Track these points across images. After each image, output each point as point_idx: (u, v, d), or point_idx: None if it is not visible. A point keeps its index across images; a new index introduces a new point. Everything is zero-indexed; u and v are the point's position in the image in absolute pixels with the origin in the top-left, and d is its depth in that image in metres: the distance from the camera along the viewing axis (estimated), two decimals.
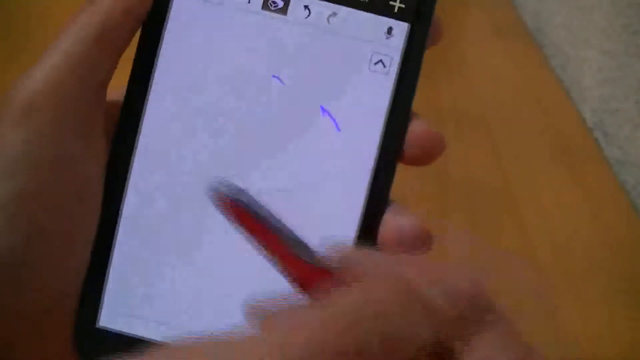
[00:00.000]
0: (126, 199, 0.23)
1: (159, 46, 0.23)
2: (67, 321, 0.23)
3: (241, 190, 0.19)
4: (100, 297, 0.23)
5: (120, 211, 0.23)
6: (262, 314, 0.18)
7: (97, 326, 0.23)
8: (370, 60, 0.22)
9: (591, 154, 0.52)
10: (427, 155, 0.23)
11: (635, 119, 0.51)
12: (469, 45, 0.63)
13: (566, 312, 0.41)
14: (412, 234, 0.22)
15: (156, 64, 0.23)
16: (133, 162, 0.23)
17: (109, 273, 0.23)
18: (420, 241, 0.22)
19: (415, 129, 0.23)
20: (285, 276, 0.18)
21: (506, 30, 0.64)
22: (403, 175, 0.50)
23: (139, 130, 0.23)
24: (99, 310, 0.23)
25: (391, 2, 0.22)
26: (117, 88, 0.23)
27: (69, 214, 0.22)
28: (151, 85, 0.23)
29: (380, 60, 0.22)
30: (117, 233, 0.23)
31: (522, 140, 0.53)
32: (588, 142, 0.53)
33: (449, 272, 0.17)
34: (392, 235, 0.23)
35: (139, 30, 0.23)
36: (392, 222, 0.23)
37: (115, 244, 0.23)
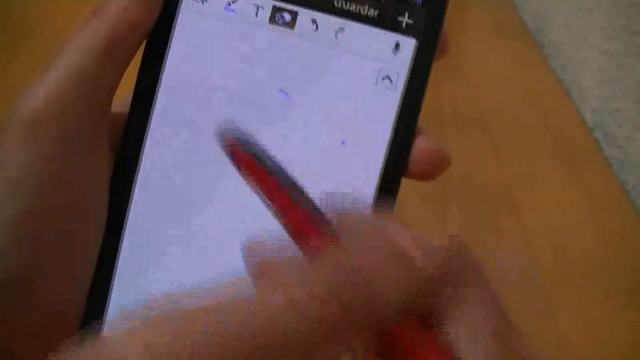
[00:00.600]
0: (130, 212, 0.23)
1: (164, 60, 0.22)
2: (74, 335, 0.23)
3: (249, 136, 0.19)
4: (104, 311, 0.23)
5: (124, 225, 0.23)
6: (258, 261, 0.18)
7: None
8: (377, 76, 0.22)
9: (591, 154, 0.52)
10: (432, 171, 0.23)
11: (635, 119, 0.51)
12: (469, 45, 0.63)
13: (566, 312, 0.41)
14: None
15: (161, 78, 0.22)
16: (137, 176, 0.23)
17: (113, 286, 0.23)
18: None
19: (421, 144, 0.23)
20: (284, 227, 0.18)
21: (506, 30, 0.64)
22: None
23: (143, 144, 0.23)
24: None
25: (399, 18, 0.22)
26: (120, 98, 0.23)
27: (74, 231, 0.22)
28: (155, 99, 0.22)
29: (387, 76, 0.22)
30: (122, 246, 0.23)
31: (522, 140, 0.53)
32: (588, 142, 0.53)
33: (435, 239, 0.17)
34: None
35: (144, 43, 0.22)
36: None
37: (119, 257, 0.23)
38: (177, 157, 0.23)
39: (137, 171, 0.23)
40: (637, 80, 0.50)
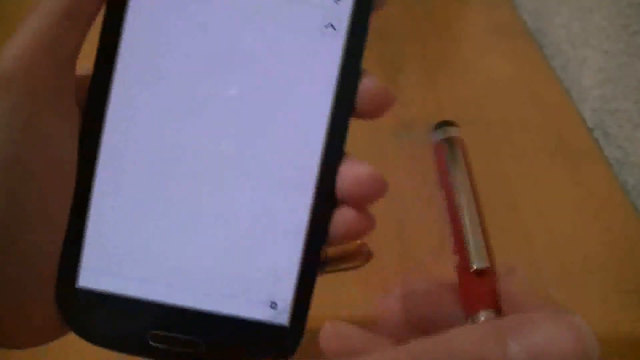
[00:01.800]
0: (100, 161, 0.24)
1: (123, 21, 0.24)
2: (49, 285, 0.24)
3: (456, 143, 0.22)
4: (78, 258, 0.24)
5: (94, 175, 0.24)
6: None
7: (77, 287, 0.24)
8: (321, 23, 0.24)
9: (591, 154, 0.52)
10: (378, 109, 0.25)
11: (635, 119, 0.51)
12: (469, 44, 0.63)
13: None
14: (368, 180, 0.24)
15: (122, 36, 0.24)
16: (104, 129, 0.24)
17: (86, 234, 0.24)
18: (376, 186, 0.24)
19: (366, 85, 0.25)
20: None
21: (506, 30, 0.64)
22: (403, 175, 0.50)
23: (108, 100, 0.24)
24: (78, 271, 0.24)
25: None
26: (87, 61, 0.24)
27: (45, 182, 0.23)
28: (118, 57, 0.24)
29: (331, 24, 0.24)
30: (93, 196, 0.24)
31: (522, 140, 0.53)
32: (588, 142, 0.53)
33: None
34: (349, 184, 0.24)
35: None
36: (348, 172, 0.24)
37: (90, 207, 0.24)
38: (141, 111, 0.24)
39: (103, 129, 0.24)
40: (637, 80, 0.50)
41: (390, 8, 0.73)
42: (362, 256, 0.43)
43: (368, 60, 0.53)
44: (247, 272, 0.24)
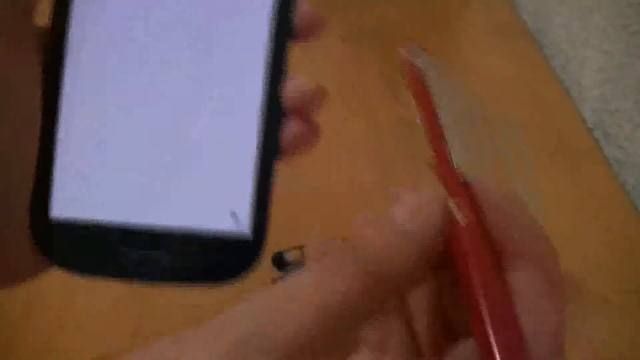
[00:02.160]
0: (63, 99, 0.26)
1: None
2: (23, 220, 0.25)
3: (425, 59, 0.23)
4: (49, 191, 0.26)
5: (59, 112, 0.26)
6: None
7: (50, 217, 0.26)
8: None
9: (591, 154, 0.52)
10: (313, 29, 0.27)
11: (635, 119, 0.51)
12: (469, 45, 0.63)
13: (565, 312, 0.41)
14: (309, 89, 0.26)
15: None
16: (65, 67, 0.26)
17: (54, 168, 0.26)
18: (317, 94, 0.27)
19: (302, 8, 0.27)
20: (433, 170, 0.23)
21: (506, 30, 0.64)
22: (403, 176, 0.50)
23: (67, 40, 0.26)
24: (50, 201, 0.26)
25: None
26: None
27: (12, 117, 0.24)
28: (73, 6, 0.26)
29: None
30: (59, 128, 0.26)
31: (522, 140, 0.53)
32: (588, 142, 0.53)
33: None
34: (293, 95, 0.26)
35: None
36: (291, 85, 0.26)
37: (58, 139, 0.26)
38: (98, 57, 0.26)
39: (64, 65, 0.26)
40: (637, 80, 0.50)
41: (391, 8, 0.73)
42: None
43: (368, 60, 0.53)
44: (206, 187, 0.26)
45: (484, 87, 0.57)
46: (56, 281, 0.40)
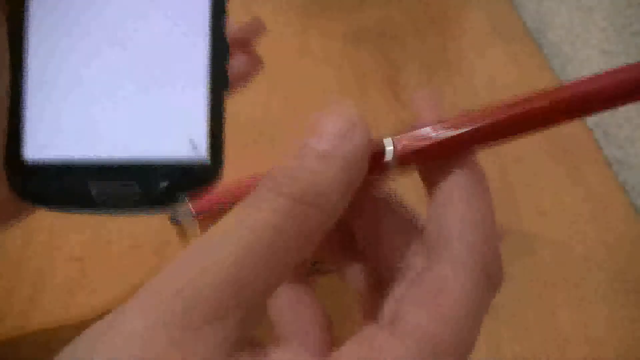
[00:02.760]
0: (28, 50, 0.28)
1: None
2: None
3: None
4: (21, 131, 0.28)
5: (25, 62, 0.28)
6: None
7: (23, 158, 0.28)
8: None
9: (591, 154, 0.52)
10: None
11: (635, 119, 0.51)
12: (469, 45, 0.63)
13: (566, 312, 0.41)
14: (249, 22, 0.29)
15: None
16: (29, 15, 0.28)
17: (26, 107, 0.28)
18: (255, 25, 0.29)
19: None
20: None
21: (506, 30, 0.64)
22: (402, 176, 0.50)
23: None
24: (23, 143, 0.28)
25: None
26: None
27: None
28: None
29: None
30: (28, 73, 0.28)
31: (522, 140, 0.53)
32: (588, 142, 0.53)
33: None
34: (235, 29, 0.29)
35: None
36: (232, 21, 0.28)
37: (26, 81, 0.28)
38: (56, 11, 0.29)
39: (29, 9, 0.28)
40: None
41: (391, 8, 0.73)
42: None
43: (368, 60, 0.53)
44: (164, 119, 0.29)
45: (483, 87, 0.57)
46: (56, 281, 0.40)
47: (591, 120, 0.56)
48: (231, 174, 0.28)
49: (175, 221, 0.30)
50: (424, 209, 0.27)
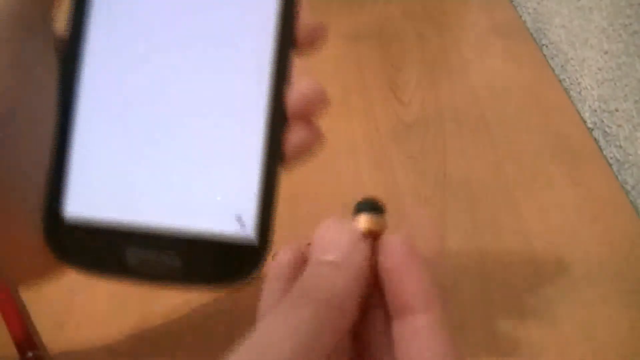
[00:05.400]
0: (78, 101, 0.27)
1: None
2: (35, 219, 0.26)
3: None
4: (62, 188, 0.27)
5: (74, 109, 0.27)
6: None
7: (61, 216, 0.27)
8: None
9: (591, 154, 0.52)
10: (315, 40, 0.28)
11: (635, 119, 0.51)
12: (469, 45, 0.63)
13: (565, 312, 0.41)
14: (311, 94, 0.28)
15: None
16: (82, 70, 0.27)
17: (69, 163, 0.27)
18: (319, 98, 0.28)
19: (303, 19, 0.28)
20: None
21: (506, 30, 0.64)
22: (403, 176, 0.50)
23: (85, 39, 0.27)
24: (62, 200, 0.27)
25: None
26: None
27: (29, 107, 0.25)
28: (91, 11, 0.27)
29: None
30: (75, 125, 0.27)
31: (522, 140, 0.53)
32: (588, 142, 0.53)
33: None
34: (296, 101, 0.27)
35: None
36: (294, 91, 0.28)
37: (72, 138, 0.27)
38: (113, 63, 0.27)
39: (81, 68, 0.27)
40: (637, 80, 0.51)
41: (390, 8, 0.73)
42: None
43: (368, 60, 0.53)
44: (213, 191, 0.27)
45: (483, 87, 0.57)
46: (56, 281, 0.40)
47: (591, 120, 0.56)
48: None
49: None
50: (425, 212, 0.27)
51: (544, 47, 0.64)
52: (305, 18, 0.28)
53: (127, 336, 0.37)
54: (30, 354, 0.33)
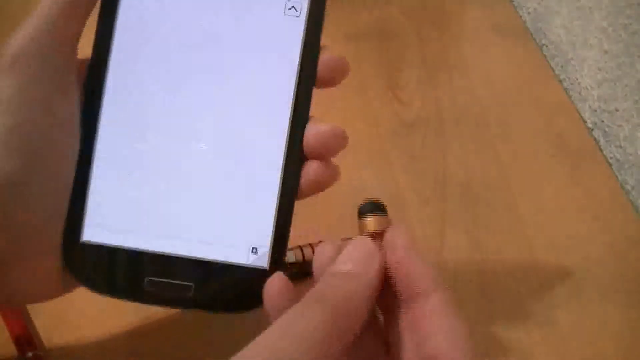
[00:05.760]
0: (101, 125, 0.28)
1: (118, 8, 0.28)
2: (57, 239, 0.27)
3: None
4: (82, 214, 0.28)
5: (96, 138, 0.28)
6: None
7: (81, 241, 0.28)
8: (285, 6, 0.28)
9: (591, 154, 0.52)
10: (336, 76, 0.29)
11: (635, 119, 0.51)
12: (469, 44, 0.63)
13: (565, 312, 0.41)
14: (329, 134, 0.28)
15: (116, 22, 0.28)
16: (103, 101, 0.28)
17: (89, 191, 0.28)
18: (337, 139, 0.29)
19: (325, 56, 0.28)
20: None
21: (506, 30, 0.64)
22: (403, 176, 0.50)
23: (106, 74, 0.28)
24: (83, 226, 0.28)
25: None
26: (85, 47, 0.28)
27: (52, 145, 0.27)
28: (114, 39, 0.28)
29: (293, 6, 0.28)
30: (95, 156, 0.28)
31: (522, 140, 0.53)
32: (588, 142, 0.53)
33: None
34: (313, 139, 0.28)
35: None
36: (312, 129, 0.29)
37: (93, 166, 0.28)
38: (137, 85, 0.28)
39: (102, 99, 0.28)
40: (637, 80, 0.50)
41: (390, 8, 0.73)
42: None
43: (368, 60, 0.53)
44: (230, 223, 0.28)
45: (483, 87, 0.57)
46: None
47: (591, 120, 0.56)
48: None
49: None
50: (424, 210, 0.27)
51: (544, 47, 0.64)
52: (328, 53, 0.28)
53: (127, 336, 0.37)
54: (30, 354, 0.33)
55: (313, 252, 0.36)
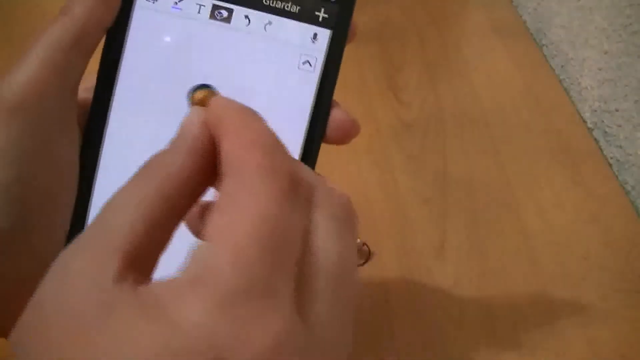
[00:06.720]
0: (98, 176, 0.28)
1: (122, 50, 0.27)
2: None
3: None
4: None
5: (93, 186, 0.28)
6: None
7: None
8: (299, 60, 0.27)
9: (591, 154, 0.52)
10: (345, 136, 0.28)
11: (635, 119, 0.51)
12: (469, 45, 0.63)
13: (565, 312, 0.41)
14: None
15: (120, 65, 0.27)
16: (102, 146, 0.28)
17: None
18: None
19: (336, 115, 0.28)
20: None
21: (506, 30, 0.64)
22: (403, 176, 0.50)
23: (106, 120, 0.28)
24: None
25: (316, 13, 0.27)
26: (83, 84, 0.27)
27: (52, 193, 0.26)
28: (116, 83, 0.27)
29: (307, 61, 0.27)
30: (92, 204, 0.28)
31: (522, 140, 0.53)
32: (588, 142, 0.53)
33: None
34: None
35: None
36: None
37: (90, 209, 0.28)
38: (136, 132, 0.28)
39: (101, 143, 0.28)
40: (637, 80, 0.51)
41: (391, 8, 0.73)
42: (362, 255, 0.43)
43: (368, 60, 0.53)
44: None
45: (483, 87, 0.57)
46: None
47: (591, 120, 0.56)
48: None
49: None
50: (424, 210, 0.27)
51: (544, 47, 0.64)
52: (339, 114, 0.28)
53: None
54: None
55: None
